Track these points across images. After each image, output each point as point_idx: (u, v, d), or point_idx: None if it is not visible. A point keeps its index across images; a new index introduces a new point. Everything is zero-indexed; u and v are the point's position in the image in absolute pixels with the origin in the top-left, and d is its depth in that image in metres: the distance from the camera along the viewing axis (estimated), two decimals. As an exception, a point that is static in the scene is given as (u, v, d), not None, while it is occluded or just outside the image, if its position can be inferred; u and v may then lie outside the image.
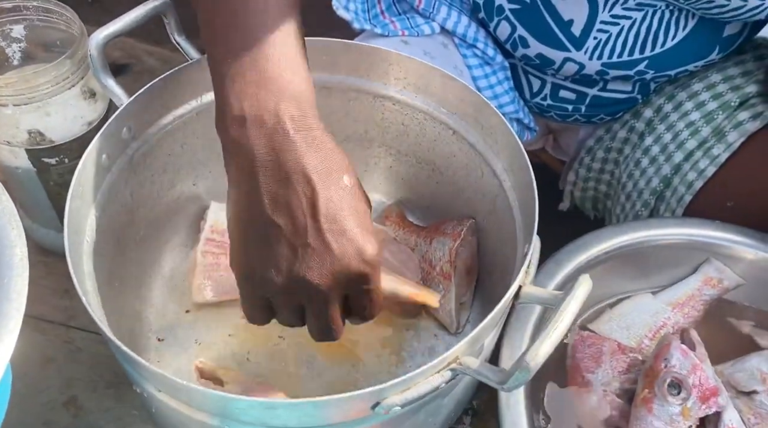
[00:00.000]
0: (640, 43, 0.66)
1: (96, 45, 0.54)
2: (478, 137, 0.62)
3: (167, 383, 0.45)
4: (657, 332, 0.64)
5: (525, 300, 0.48)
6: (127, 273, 0.62)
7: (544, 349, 0.40)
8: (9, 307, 0.41)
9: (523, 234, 0.54)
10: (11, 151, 0.60)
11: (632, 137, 0.75)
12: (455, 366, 0.44)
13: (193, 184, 0.69)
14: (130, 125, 0.58)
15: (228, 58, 0.44)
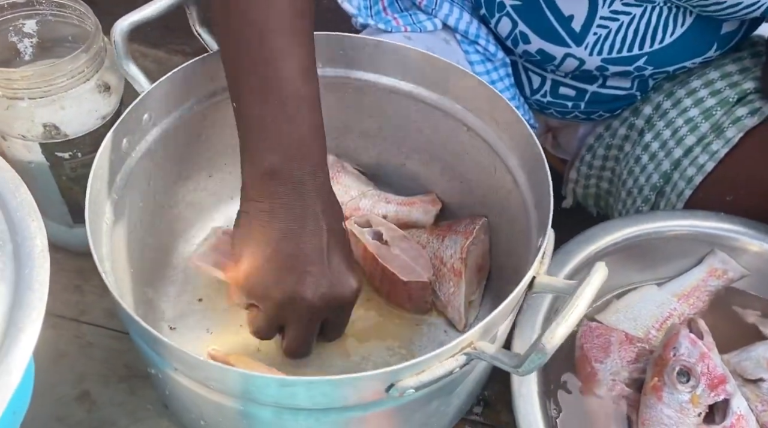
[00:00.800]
0: (639, 39, 0.68)
1: (120, 32, 0.55)
2: (492, 133, 0.62)
3: (185, 360, 0.45)
4: (663, 323, 0.65)
5: (539, 289, 0.48)
6: (142, 260, 0.62)
7: (561, 332, 0.40)
8: (32, 297, 0.41)
9: (536, 228, 0.55)
10: (25, 145, 0.61)
11: (632, 134, 0.76)
12: (470, 351, 0.45)
13: (209, 176, 0.70)
14: (151, 113, 0.58)
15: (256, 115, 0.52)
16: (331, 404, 0.46)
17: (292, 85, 0.51)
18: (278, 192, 0.51)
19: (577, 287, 0.42)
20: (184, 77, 0.60)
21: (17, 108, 0.58)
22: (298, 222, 0.51)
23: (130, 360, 0.67)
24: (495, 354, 0.44)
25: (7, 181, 0.47)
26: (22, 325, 0.40)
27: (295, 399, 0.45)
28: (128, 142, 0.57)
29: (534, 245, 0.54)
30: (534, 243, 0.55)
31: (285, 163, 0.51)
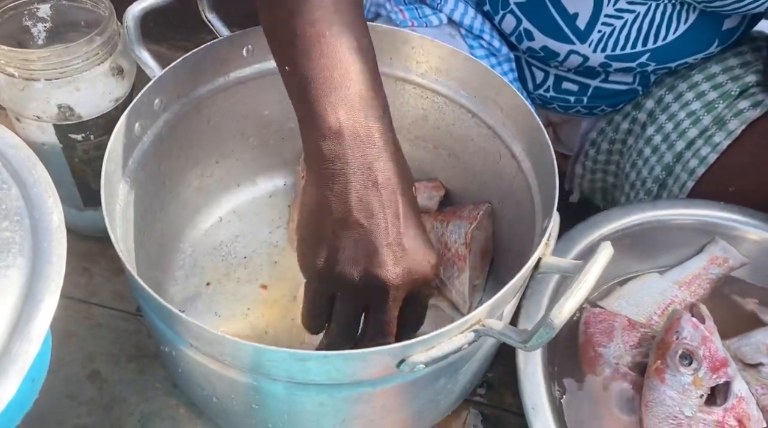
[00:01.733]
0: (643, 36, 0.69)
1: (132, 17, 0.56)
2: (497, 119, 0.63)
3: (201, 335, 0.46)
4: (665, 309, 0.66)
5: (545, 269, 0.50)
6: (151, 244, 0.63)
7: (569, 307, 0.41)
8: (50, 270, 0.42)
9: (541, 213, 0.56)
10: (39, 127, 0.62)
11: (635, 128, 0.78)
12: (478, 328, 0.46)
13: (216, 162, 0.71)
14: (162, 97, 0.59)
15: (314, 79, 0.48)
16: (343, 379, 0.47)
17: (343, 37, 0.48)
18: (346, 154, 0.47)
19: (584, 266, 0.43)
20: (194, 63, 0.61)
21: (33, 89, 0.59)
22: (371, 194, 0.47)
23: (139, 340, 0.68)
24: (503, 330, 0.45)
25: (24, 159, 0.48)
26: (41, 296, 0.42)
27: (308, 374, 0.46)
28: (140, 126, 0.58)
29: (539, 228, 0.55)
30: (539, 226, 0.56)
31: (350, 119, 0.47)
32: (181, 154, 0.66)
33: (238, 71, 0.65)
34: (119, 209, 0.56)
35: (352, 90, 0.48)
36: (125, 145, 0.57)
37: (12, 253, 0.43)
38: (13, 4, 0.62)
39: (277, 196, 0.76)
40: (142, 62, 0.58)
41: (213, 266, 0.70)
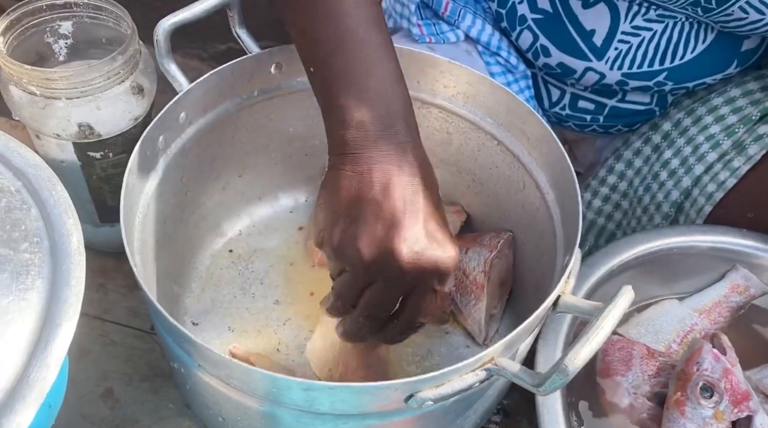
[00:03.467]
0: (660, 55, 0.68)
1: (163, 31, 0.57)
2: (523, 148, 0.63)
3: (210, 358, 0.46)
4: (685, 337, 0.65)
5: (563, 309, 0.49)
6: (170, 256, 0.64)
7: (584, 354, 0.41)
8: (69, 293, 0.43)
9: (563, 247, 0.56)
10: (58, 144, 0.62)
11: (645, 149, 0.77)
12: (490, 367, 0.46)
13: (238, 176, 0.71)
14: (187, 112, 0.60)
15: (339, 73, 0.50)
16: (351, 410, 0.47)
17: (366, 34, 0.50)
18: (371, 141, 0.48)
19: (603, 310, 0.43)
20: (221, 78, 0.61)
21: (54, 107, 0.59)
22: (394, 173, 0.47)
23: (152, 359, 0.68)
24: (516, 373, 0.45)
25: (45, 179, 0.49)
26: (59, 321, 0.42)
27: (316, 404, 0.46)
28: (164, 140, 0.59)
29: (560, 263, 0.55)
30: (560, 261, 0.55)
31: (374, 110, 0.48)
32: (204, 168, 0.66)
33: (264, 87, 0.66)
34: (138, 222, 0.56)
35: (376, 84, 0.49)
36: (148, 157, 0.57)
37: (31, 276, 0.44)
38: (35, 21, 0.62)
39: (298, 211, 0.77)
40: (171, 76, 0.59)
41: (229, 280, 0.71)
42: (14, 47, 0.61)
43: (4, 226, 0.45)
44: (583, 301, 0.48)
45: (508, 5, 0.72)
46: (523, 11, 0.71)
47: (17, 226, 0.46)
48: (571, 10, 0.69)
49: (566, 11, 0.68)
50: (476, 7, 0.76)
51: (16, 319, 0.42)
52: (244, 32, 0.64)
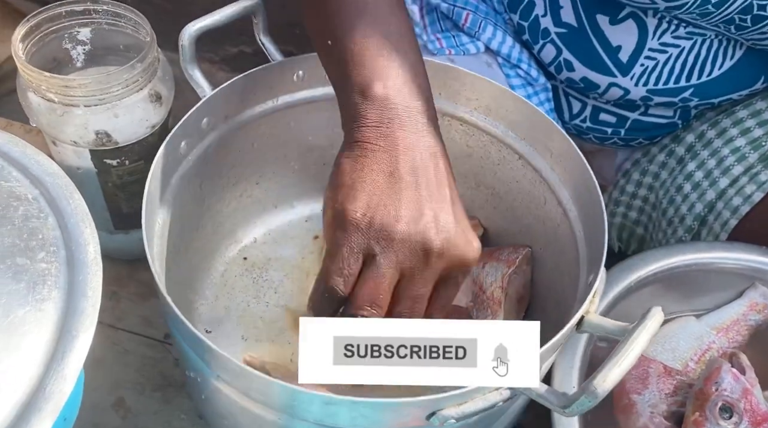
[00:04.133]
0: (687, 71, 0.67)
1: (188, 36, 0.56)
2: (545, 164, 0.62)
3: (230, 368, 0.45)
4: (702, 355, 0.64)
5: (588, 329, 0.48)
6: (185, 263, 0.63)
7: (613, 377, 0.40)
8: (85, 304, 0.42)
9: (587, 265, 0.55)
10: (75, 151, 0.62)
11: (670, 162, 0.76)
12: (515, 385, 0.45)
13: (256, 183, 0.70)
14: (210, 118, 0.59)
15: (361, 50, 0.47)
16: (371, 426, 0.46)
17: (389, 15, 0.48)
18: (394, 119, 0.45)
19: (633, 331, 0.42)
20: (245, 85, 0.61)
21: (72, 114, 0.59)
22: (423, 155, 0.45)
23: (164, 368, 0.68)
24: (542, 393, 0.43)
25: (62, 188, 0.48)
26: (76, 332, 0.41)
27: (336, 419, 0.45)
28: (186, 145, 0.58)
29: (583, 281, 0.54)
30: (583, 279, 0.54)
31: (398, 89, 0.46)
32: (222, 174, 0.66)
33: (286, 96, 0.65)
34: (158, 228, 0.56)
35: (399, 67, 0.47)
36: (170, 163, 0.57)
37: (48, 286, 0.43)
38: (54, 27, 0.62)
39: (313, 221, 0.76)
40: (194, 82, 0.58)
41: (243, 288, 0.70)
42: (32, 53, 0.60)
43: (22, 235, 0.45)
44: (609, 321, 0.47)
45: (530, 18, 0.72)
46: (546, 24, 0.70)
47: (34, 235, 0.45)
48: (597, 25, 0.68)
49: (592, 26, 0.67)
50: (497, 19, 0.75)
51: (32, 330, 0.41)
52: (268, 39, 0.63)
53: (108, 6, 0.61)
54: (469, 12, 0.74)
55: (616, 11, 0.67)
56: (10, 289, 0.42)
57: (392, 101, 0.45)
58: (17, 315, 0.41)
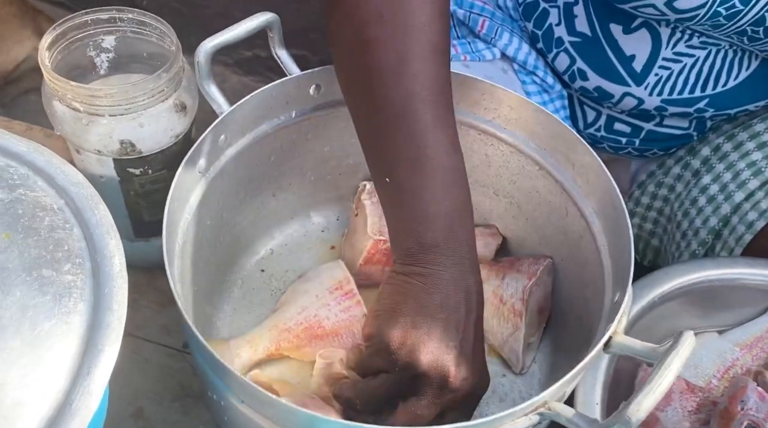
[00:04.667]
0: (702, 82, 0.67)
1: (204, 53, 0.56)
2: (567, 175, 0.61)
3: (254, 394, 0.45)
4: (725, 372, 0.63)
5: (616, 349, 0.47)
6: (203, 277, 0.62)
7: (647, 404, 0.39)
8: (111, 318, 0.41)
9: (612, 281, 0.54)
10: (99, 160, 0.62)
11: (685, 174, 0.75)
12: (543, 411, 0.44)
13: (272, 195, 0.70)
14: (227, 133, 0.59)
15: (409, 187, 0.51)
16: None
17: (444, 157, 0.51)
18: (437, 261, 0.50)
19: (665, 357, 0.41)
20: (261, 100, 0.60)
21: (97, 124, 0.58)
22: (455, 296, 0.49)
23: (183, 379, 0.66)
24: (571, 418, 0.43)
25: (87, 198, 0.47)
26: (101, 346, 0.41)
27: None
28: (205, 162, 0.57)
29: (608, 297, 0.53)
30: (608, 294, 0.53)
31: (443, 235, 0.50)
32: (239, 189, 0.65)
33: (303, 108, 0.64)
34: (178, 247, 0.55)
35: (451, 211, 0.50)
36: (189, 181, 0.56)
37: (74, 298, 0.42)
38: (80, 35, 0.61)
39: (330, 231, 0.75)
40: (210, 98, 0.58)
41: (261, 301, 0.69)
42: (57, 61, 0.60)
43: (47, 246, 0.44)
44: (637, 342, 0.46)
45: (544, 26, 0.71)
46: (560, 33, 0.70)
47: (60, 247, 0.44)
48: (611, 34, 0.67)
49: (606, 35, 0.67)
50: (513, 26, 0.75)
51: (58, 343, 0.40)
52: (284, 53, 0.62)
53: (134, 14, 0.61)
54: (485, 18, 0.73)
55: (630, 20, 0.66)
56: (37, 302, 0.41)
57: (440, 247, 0.49)
58: (43, 328, 0.40)
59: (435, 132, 0.50)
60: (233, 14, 0.98)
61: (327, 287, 0.65)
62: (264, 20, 0.58)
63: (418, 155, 0.50)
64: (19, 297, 0.41)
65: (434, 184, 0.50)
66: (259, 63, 1.03)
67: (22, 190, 0.46)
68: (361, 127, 0.54)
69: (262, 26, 0.58)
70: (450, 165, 0.51)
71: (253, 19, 0.58)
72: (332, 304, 0.64)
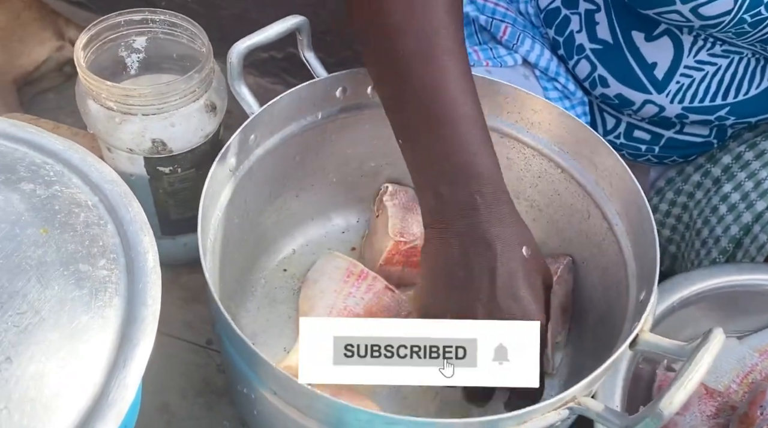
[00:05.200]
0: (723, 90, 0.66)
1: (236, 54, 0.56)
2: (590, 178, 0.61)
3: (288, 385, 0.45)
4: (744, 377, 0.63)
5: (643, 347, 0.47)
6: (229, 275, 0.63)
7: (679, 398, 0.39)
8: (146, 313, 0.42)
9: (636, 281, 0.54)
10: (130, 158, 0.62)
11: (706, 182, 0.75)
12: (573, 406, 0.44)
13: (296, 196, 0.70)
14: (257, 134, 0.59)
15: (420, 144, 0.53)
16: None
17: (454, 108, 0.52)
18: (447, 217, 0.51)
19: (695, 352, 0.41)
20: (291, 101, 0.60)
21: (129, 123, 0.59)
22: (470, 247, 0.50)
23: (207, 374, 0.67)
24: (601, 413, 0.43)
25: (121, 195, 0.48)
26: (136, 340, 0.41)
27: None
28: (235, 160, 0.58)
29: (633, 297, 0.53)
30: (633, 294, 0.53)
31: (451, 189, 0.51)
32: (265, 188, 0.65)
33: (329, 110, 0.65)
34: (210, 243, 0.55)
35: (458, 160, 0.51)
36: (221, 179, 0.57)
37: (109, 293, 0.43)
38: (113, 36, 0.62)
39: (350, 232, 0.75)
40: (241, 98, 0.58)
41: (284, 299, 0.69)
42: (91, 61, 0.60)
43: (83, 242, 0.44)
44: (665, 340, 0.46)
45: (565, 33, 0.71)
46: (581, 40, 0.69)
47: (95, 242, 0.45)
48: (633, 41, 0.67)
49: (627, 43, 0.67)
50: (535, 32, 0.75)
51: (94, 336, 0.40)
52: (311, 55, 0.63)
53: (165, 16, 0.62)
54: (507, 25, 0.73)
55: (652, 28, 0.66)
56: (74, 296, 0.41)
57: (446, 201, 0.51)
58: (81, 321, 0.40)
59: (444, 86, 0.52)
60: (250, 16, 0.98)
61: (339, 279, 0.65)
62: (294, 23, 0.58)
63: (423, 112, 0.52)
64: (57, 290, 0.41)
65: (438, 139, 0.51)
66: (274, 64, 1.03)
67: (58, 186, 0.47)
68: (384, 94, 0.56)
69: (292, 29, 0.59)
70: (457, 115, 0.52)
71: (284, 21, 0.58)
72: (353, 291, 0.64)
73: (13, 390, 0.37)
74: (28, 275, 0.41)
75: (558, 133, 0.63)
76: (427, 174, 0.52)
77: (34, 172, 0.47)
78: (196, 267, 0.61)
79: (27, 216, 0.44)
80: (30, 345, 0.38)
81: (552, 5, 0.73)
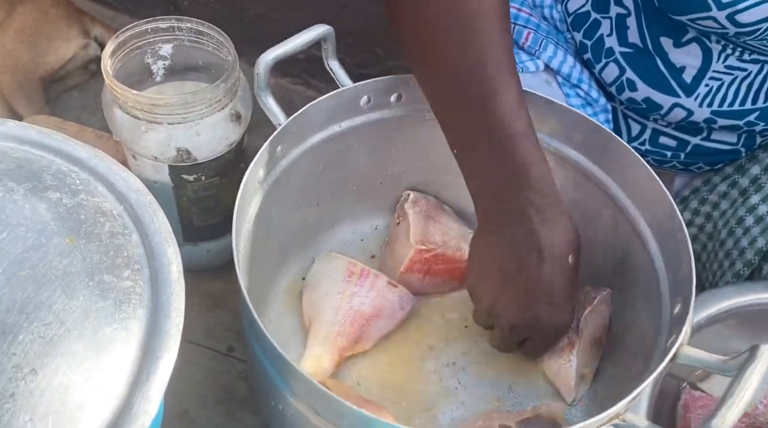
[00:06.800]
0: (753, 94, 0.64)
1: (264, 65, 0.55)
2: (618, 187, 0.59)
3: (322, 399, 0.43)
4: (772, 397, 0.60)
5: (684, 360, 0.45)
6: (252, 285, 0.61)
7: (731, 417, 0.38)
8: (169, 325, 0.40)
9: (669, 291, 0.51)
10: (154, 166, 0.61)
11: (732, 192, 0.72)
12: (618, 422, 0.42)
13: (316, 204, 0.68)
14: (283, 145, 0.58)
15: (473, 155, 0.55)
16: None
17: (506, 123, 0.53)
18: (499, 221, 0.54)
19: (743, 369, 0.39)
20: (317, 111, 0.59)
21: (155, 131, 0.58)
22: (515, 249, 0.53)
23: (228, 382, 0.65)
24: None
25: (146, 205, 0.46)
26: (160, 353, 0.39)
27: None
28: (263, 172, 0.56)
29: (666, 309, 0.51)
30: (666, 306, 0.51)
31: (500, 198, 0.53)
32: (288, 198, 0.63)
33: (353, 119, 0.63)
34: (241, 253, 0.54)
35: (506, 169, 0.53)
36: (251, 190, 0.56)
37: (133, 304, 0.41)
38: (140, 43, 0.61)
39: (369, 240, 0.73)
40: (268, 109, 0.57)
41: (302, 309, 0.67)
42: (117, 68, 0.59)
43: (108, 252, 0.42)
44: (706, 354, 0.44)
45: (595, 37, 0.69)
46: (611, 44, 0.67)
47: (120, 253, 0.43)
48: (661, 47, 0.65)
49: (656, 48, 0.65)
50: (558, 38, 0.73)
51: (118, 348, 0.39)
52: (336, 64, 0.61)
53: (192, 24, 0.60)
54: (530, 31, 0.71)
55: (680, 34, 0.64)
56: (98, 307, 0.39)
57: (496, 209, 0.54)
58: (105, 333, 0.39)
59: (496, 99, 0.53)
60: (273, 16, 0.96)
61: (341, 279, 0.64)
62: (320, 32, 0.57)
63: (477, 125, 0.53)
64: (82, 301, 0.39)
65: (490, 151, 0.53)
66: (295, 65, 1.02)
67: (84, 195, 0.45)
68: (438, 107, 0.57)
69: (318, 38, 0.57)
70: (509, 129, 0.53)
71: (309, 31, 0.57)
72: (357, 291, 0.63)
73: (38, 402, 0.35)
74: (54, 285, 0.39)
75: (582, 141, 0.61)
76: (482, 181, 0.54)
77: (61, 180, 0.45)
78: (217, 273, 0.60)
79: (53, 226, 0.42)
80: (55, 356, 0.37)
81: (582, 9, 0.71)
